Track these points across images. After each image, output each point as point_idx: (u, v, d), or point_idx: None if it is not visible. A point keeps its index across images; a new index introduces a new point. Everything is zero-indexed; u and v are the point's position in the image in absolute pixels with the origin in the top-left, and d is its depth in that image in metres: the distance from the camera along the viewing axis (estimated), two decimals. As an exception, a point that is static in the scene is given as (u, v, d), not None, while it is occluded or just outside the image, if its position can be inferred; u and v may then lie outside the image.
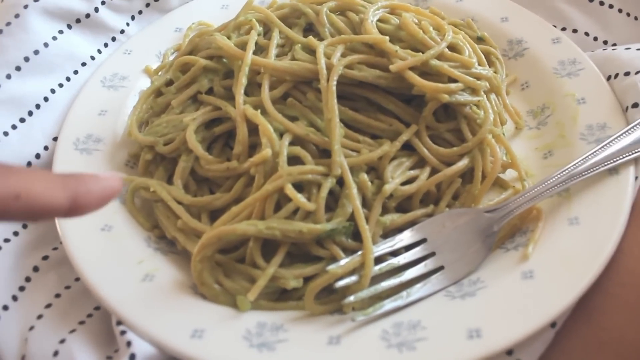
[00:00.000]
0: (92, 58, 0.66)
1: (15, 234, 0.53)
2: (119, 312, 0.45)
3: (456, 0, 0.70)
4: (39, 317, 0.48)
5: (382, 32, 0.55)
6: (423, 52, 0.52)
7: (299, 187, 0.48)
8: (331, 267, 0.46)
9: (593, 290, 0.44)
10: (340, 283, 0.45)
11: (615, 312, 0.44)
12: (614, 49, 0.60)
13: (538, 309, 0.42)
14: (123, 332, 0.44)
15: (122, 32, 0.69)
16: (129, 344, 0.43)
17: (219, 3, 0.72)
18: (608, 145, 0.50)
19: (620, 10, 0.67)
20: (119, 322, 0.45)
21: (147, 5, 0.71)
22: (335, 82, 0.50)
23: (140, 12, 0.71)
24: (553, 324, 0.43)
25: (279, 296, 0.48)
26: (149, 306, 0.45)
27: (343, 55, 0.53)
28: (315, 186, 0.48)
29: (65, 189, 0.32)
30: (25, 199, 0.30)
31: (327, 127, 0.50)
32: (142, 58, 0.66)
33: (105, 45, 0.68)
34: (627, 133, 0.51)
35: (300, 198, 0.47)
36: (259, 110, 0.51)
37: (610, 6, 0.67)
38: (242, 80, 0.53)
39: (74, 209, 0.32)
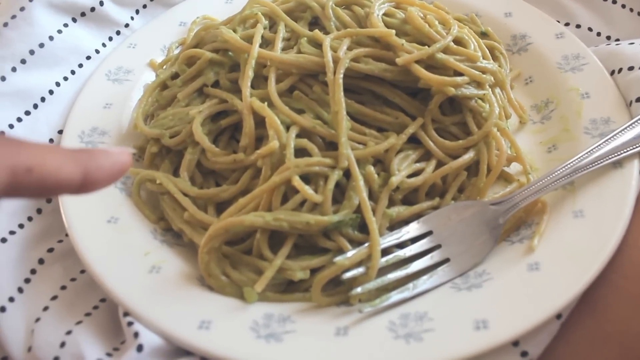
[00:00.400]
0: (97, 51, 0.66)
1: (21, 226, 0.53)
2: (126, 303, 0.45)
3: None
4: (45, 308, 0.48)
5: (387, 25, 0.55)
6: (429, 46, 0.52)
7: (306, 179, 0.48)
8: (338, 259, 0.46)
9: (598, 283, 0.44)
10: (347, 275, 0.45)
11: (620, 304, 0.44)
12: (617, 44, 0.60)
13: (544, 300, 0.42)
14: (130, 324, 0.44)
15: (127, 25, 0.69)
16: (136, 335, 0.43)
17: (223, -3, 0.72)
18: (612, 138, 0.50)
19: (623, 6, 0.67)
20: (126, 314, 0.45)
21: (152, -1, 0.71)
22: (342, 75, 0.50)
23: (144, 6, 0.71)
24: (559, 316, 0.43)
25: (285, 288, 0.48)
26: (156, 297, 0.45)
27: (349, 49, 0.53)
28: (322, 178, 0.48)
29: (77, 163, 0.31)
30: (37, 173, 0.29)
31: (334, 120, 0.50)
32: (146, 52, 0.66)
33: (110, 38, 0.68)
34: (631, 127, 0.51)
35: (307, 190, 0.47)
36: (266, 103, 0.51)
37: (614, 1, 0.67)
38: (249, 73, 0.53)
39: (86, 185, 0.31)
